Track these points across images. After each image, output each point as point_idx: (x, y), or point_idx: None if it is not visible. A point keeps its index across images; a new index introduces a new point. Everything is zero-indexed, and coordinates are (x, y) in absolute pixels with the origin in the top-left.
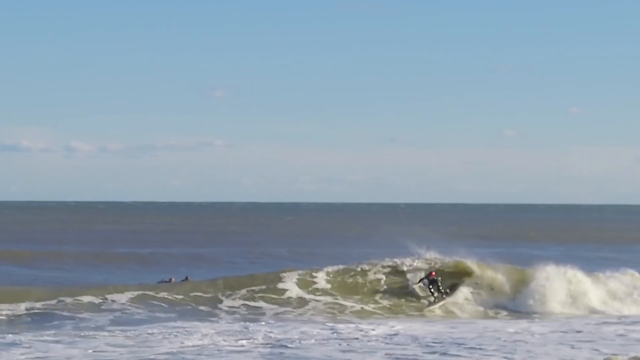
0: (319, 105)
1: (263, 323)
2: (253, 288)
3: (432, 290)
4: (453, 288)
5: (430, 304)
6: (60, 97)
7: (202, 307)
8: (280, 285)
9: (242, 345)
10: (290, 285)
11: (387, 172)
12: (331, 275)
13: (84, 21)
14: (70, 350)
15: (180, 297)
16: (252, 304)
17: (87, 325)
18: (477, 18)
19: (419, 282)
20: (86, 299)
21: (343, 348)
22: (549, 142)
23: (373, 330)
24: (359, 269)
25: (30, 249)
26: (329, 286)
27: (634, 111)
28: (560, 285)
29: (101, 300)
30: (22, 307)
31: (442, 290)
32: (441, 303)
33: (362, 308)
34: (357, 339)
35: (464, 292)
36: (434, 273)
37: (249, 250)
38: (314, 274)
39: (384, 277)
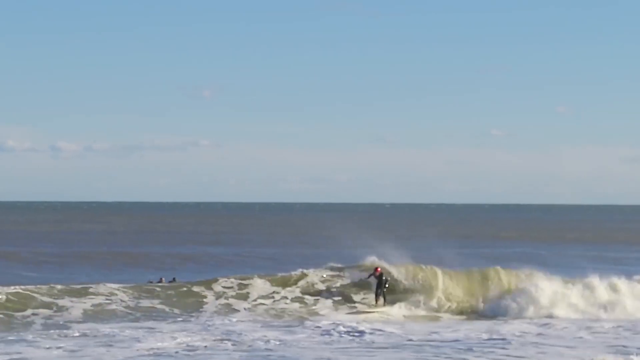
0: (307, 105)
1: (242, 321)
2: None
3: (378, 288)
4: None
5: (375, 301)
6: (46, 97)
7: (186, 307)
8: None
9: (219, 347)
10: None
11: (374, 172)
12: (302, 279)
13: (71, 22)
14: (43, 351)
15: (163, 296)
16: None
17: (60, 324)
18: (465, 19)
19: (366, 278)
20: (64, 297)
21: (324, 349)
22: (537, 141)
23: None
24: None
25: (11, 249)
26: (299, 289)
27: (621, 111)
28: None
29: (79, 299)
30: None
31: (385, 289)
32: (382, 300)
33: (331, 309)
34: (329, 335)
35: (422, 295)
36: (379, 269)
37: (236, 251)
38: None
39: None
